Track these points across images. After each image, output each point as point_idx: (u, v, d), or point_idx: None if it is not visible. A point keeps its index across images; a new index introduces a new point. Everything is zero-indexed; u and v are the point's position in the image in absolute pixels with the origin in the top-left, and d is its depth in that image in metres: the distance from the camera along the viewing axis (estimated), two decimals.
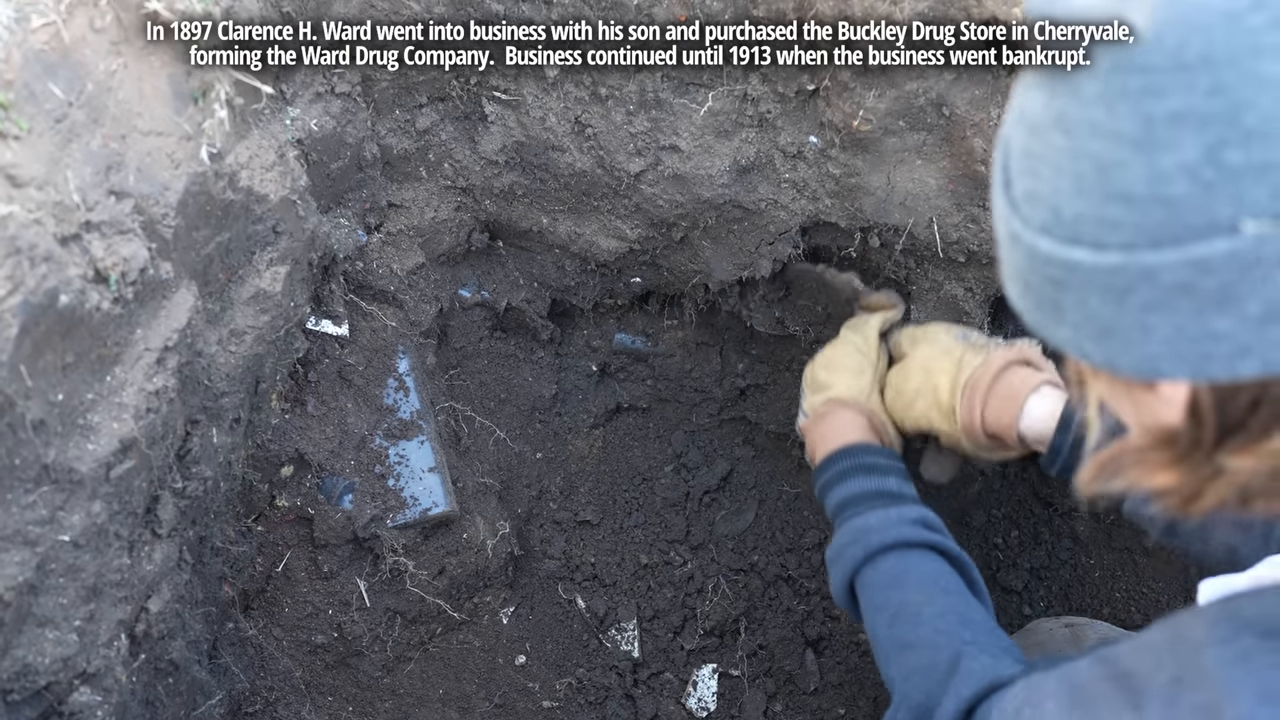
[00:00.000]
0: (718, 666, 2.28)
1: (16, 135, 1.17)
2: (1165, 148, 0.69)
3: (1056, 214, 0.76)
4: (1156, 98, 0.69)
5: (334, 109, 1.71)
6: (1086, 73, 0.73)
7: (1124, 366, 0.78)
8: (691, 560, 2.35)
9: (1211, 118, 0.68)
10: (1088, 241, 0.74)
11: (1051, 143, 0.76)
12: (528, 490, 2.30)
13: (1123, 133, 0.71)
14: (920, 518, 1.52)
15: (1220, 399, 0.77)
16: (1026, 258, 0.80)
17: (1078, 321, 0.78)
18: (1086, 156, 0.73)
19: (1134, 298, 0.74)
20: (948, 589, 1.41)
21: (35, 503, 1.23)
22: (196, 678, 1.64)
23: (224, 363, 1.58)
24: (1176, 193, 0.70)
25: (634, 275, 2.13)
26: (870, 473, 1.63)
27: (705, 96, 1.72)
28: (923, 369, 1.73)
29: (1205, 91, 0.68)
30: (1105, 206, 0.73)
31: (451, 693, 2.07)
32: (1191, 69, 0.68)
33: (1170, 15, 0.69)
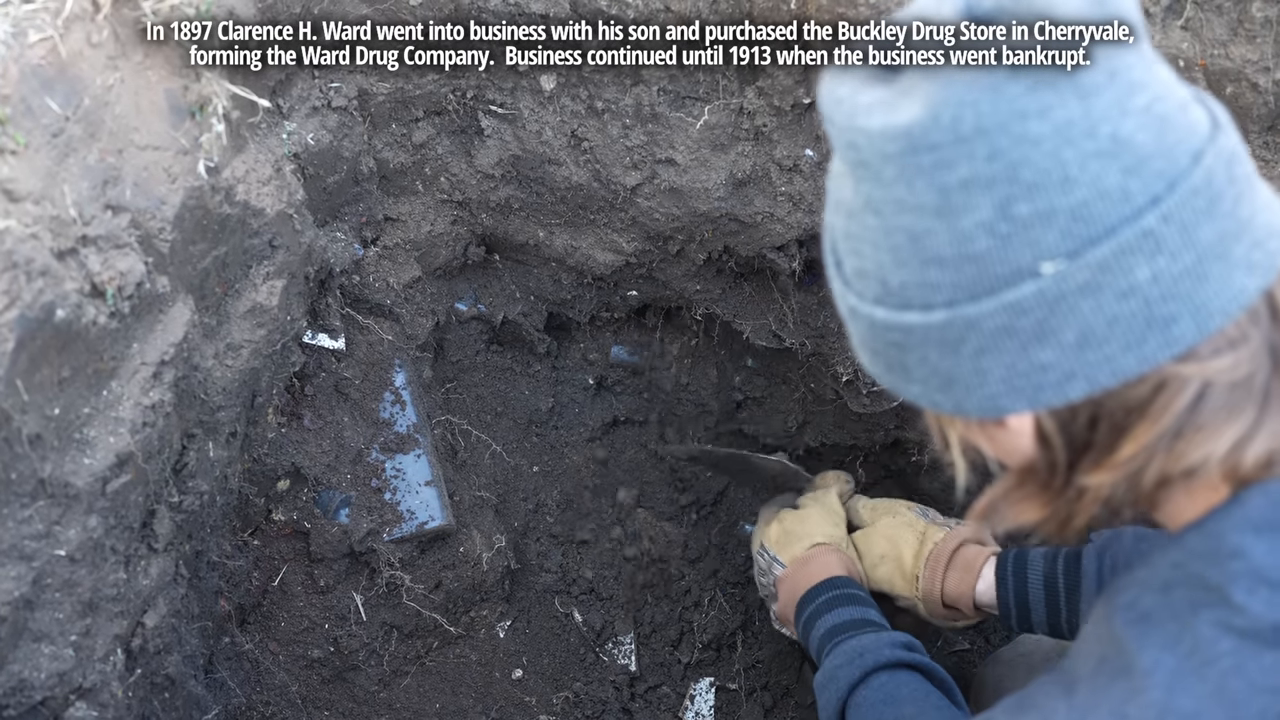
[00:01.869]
0: (715, 680, 2.28)
1: (13, 150, 1.17)
2: (962, 212, 0.79)
3: (884, 285, 0.85)
4: (946, 170, 0.79)
5: (330, 123, 1.71)
6: (884, 159, 0.81)
7: (971, 409, 0.87)
8: (689, 573, 2.35)
9: (995, 179, 0.78)
10: (916, 305, 0.84)
11: (866, 223, 0.85)
12: (524, 504, 2.29)
13: (924, 205, 0.81)
14: (906, 642, 1.59)
15: (1062, 422, 0.87)
16: (867, 327, 0.90)
17: (923, 376, 0.88)
18: (898, 231, 0.83)
19: (965, 347, 0.83)
20: (938, 705, 1.48)
21: (31, 517, 1.23)
22: (193, 692, 1.63)
23: (220, 377, 1.58)
24: (980, 249, 0.80)
25: (630, 289, 2.13)
26: (855, 602, 1.71)
27: (701, 110, 1.72)
28: (887, 538, 1.85)
29: (985, 158, 0.77)
30: (924, 271, 0.82)
31: (448, 707, 2.06)
32: (969, 140, 0.77)
33: (943, 96, 0.78)
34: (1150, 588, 0.91)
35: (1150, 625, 0.88)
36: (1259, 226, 0.82)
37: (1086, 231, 0.78)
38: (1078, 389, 0.82)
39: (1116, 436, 0.86)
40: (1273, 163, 1.51)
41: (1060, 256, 0.78)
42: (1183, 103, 0.82)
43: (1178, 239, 0.79)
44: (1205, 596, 0.86)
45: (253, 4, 1.50)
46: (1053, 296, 0.79)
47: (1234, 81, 1.45)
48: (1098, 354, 0.81)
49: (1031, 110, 0.77)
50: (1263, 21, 1.40)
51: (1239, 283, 0.80)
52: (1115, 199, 0.78)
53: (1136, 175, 0.78)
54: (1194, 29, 1.43)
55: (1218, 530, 0.87)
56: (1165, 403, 0.83)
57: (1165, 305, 0.79)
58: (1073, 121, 0.77)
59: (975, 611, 1.75)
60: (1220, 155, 0.81)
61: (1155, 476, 0.87)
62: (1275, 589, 0.83)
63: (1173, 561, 0.90)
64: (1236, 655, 0.83)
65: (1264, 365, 0.84)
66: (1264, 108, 1.46)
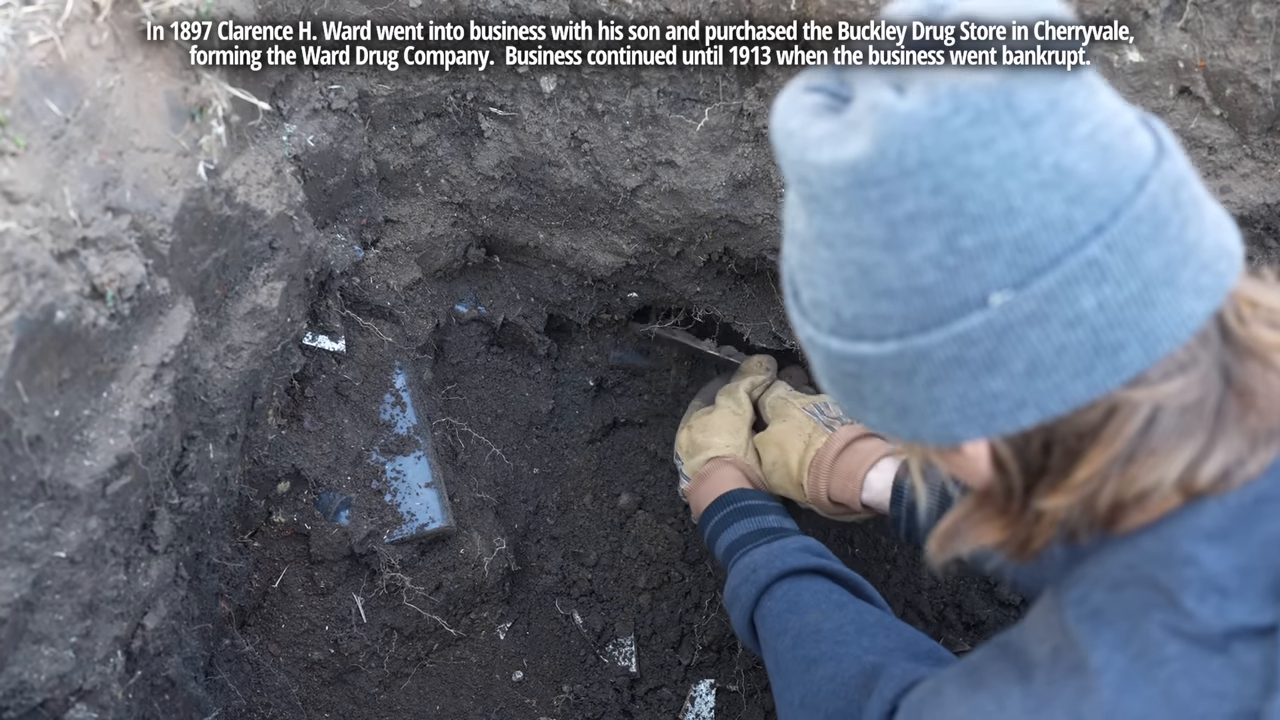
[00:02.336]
0: (715, 682, 2.27)
1: (14, 152, 1.17)
2: (910, 245, 0.80)
3: (838, 316, 0.87)
4: (893, 203, 0.79)
5: (330, 125, 1.71)
6: (833, 192, 0.82)
7: (926, 437, 0.89)
8: (689, 575, 2.34)
9: (941, 212, 0.78)
10: (869, 336, 0.85)
11: (819, 256, 0.86)
12: (524, 505, 2.29)
13: (873, 238, 0.81)
14: (803, 546, 1.61)
15: (1016, 448, 0.89)
16: (824, 357, 0.91)
17: (879, 405, 0.89)
18: (849, 264, 0.84)
19: (918, 377, 0.84)
20: (841, 603, 1.49)
21: (31, 519, 1.23)
22: (193, 694, 1.63)
23: (221, 379, 1.58)
24: (928, 281, 0.80)
25: (630, 290, 2.13)
26: (749, 513, 1.74)
27: (701, 111, 1.72)
28: (777, 444, 1.87)
29: (930, 191, 0.78)
30: (875, 304, 0.83)
31: (448, 709, 2.06)
32: (914, 174, 0.78)
33: (888, 130, 0.78)
34: (1101, 585, 0.92)
35: (1102, 623, 0.90)
36: (1207, 249, 0.82)
37: (1031, 262, 0.79)
38: (1029, 416, 0.83)
39: (1071, 461, 0.87)
40: (1272, 164, 1.51)
41: (1007, 287, 0.79)
42: (1127, 128, 0.82)
43: (1123, 267, 0.79)
44: (1156, 598, 0.87)
45: (253, 4, 1.50)
46: (1000, 327, 0.80)
47: (1234, 83, 1.45)
48: (1047, 382, 0.82)
49: (974, 143, 0.77)
50: (1262, 23, 1.40)
51: (1187, 307, 0.81)
52: (1059, 229, 0.78)
53: (1080, 204, 0.78)
54: (1193, 30, 1.43)
55: (1171, 535, 0.88)
56: (1117, 428, 0.84)
57: (1112, 333, 0.80)
58: (1016, 153, 0.77)
59: (865, 509, 1.75)
60: (1165, 180, 0.82)
61: (1110, 499, 0.88)
62: (1225, 596, 0.84)
63: (1125, 561, 0.91)
64: (1184, 659, 0.85)
65: (1215, 387, 0.85)
66: (1263, 109, 1.46)
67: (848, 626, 1.45)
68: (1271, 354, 0.86)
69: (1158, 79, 1.48)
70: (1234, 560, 0.85)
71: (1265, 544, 0.85)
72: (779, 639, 1.51)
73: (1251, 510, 0.85)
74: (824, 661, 1.41)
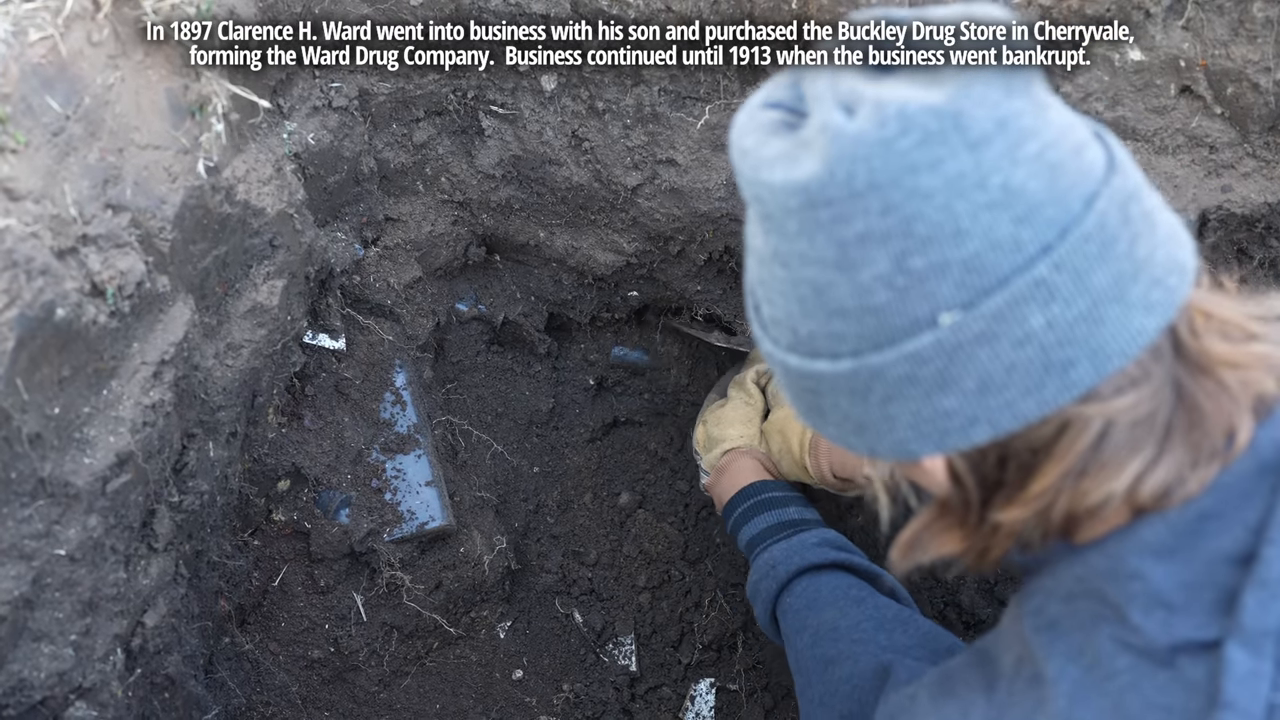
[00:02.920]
0: (715, 681, 2.27)
1: (14, 149, 1.17)
2: (861, 265, 0.80)
3: (795, 333, 0.87)
4: (843, 224, 0.80)
5: (331, 123, 1.71)
6: (786, 212, 0.82)
7: (883, 452, 0.89)
8: (689, 574, 2.34)
9: (890, 233, 0.79)
10: (824, 354, 0.86)
11: (775, 274, 0.86)
12: (525, 504, 2.29)
13: (825, 258, 0.82)
14: (823, 540, 1.60)
15: (972, 463, 0.90)
16: (783, 373, 0.92)
17: (838, 420, 0.90)
18: (803, 283, 0.84)
19: (873, 394, 0.85)
20: (859, 599, 1.49)
21: (31, 517, 1.23)
22: (193, 693, 1.63)
23: (221, 376, 1.58)
24: (879, 301, 0.81)
25: (631, 289, 2.13)
26: (770, 507, 1.73)
27: (702, 110, 1.72)
28: (779, 432, 1.87)
29: (879, 212, 0.78)
30: (829, 322, 0.84)
31: (448, 707, 2.06)
32: (864, 195, 0.78)
33: (837, 152, 0.78)
34: (1055, 596, 0.94)
35: (1056, 634, 0.92)
36: (1158, 263, 0.82)
37: (980, 282, 0.79)
38: (981, 433, 0.84)
39: (1025, 475, 0.88)
40: (1273, 163, 1.51)
41: (956, 307, 0.79)
42: (1078, 145, 0.82)
43: (1071, 285, 0.79)
44: (1105, 611, 0.89)
45: (253, 4, 1.50)
46: (951, 346, 0.81)
47: (1235, 82, 1.45)
48: (998, 399, 0.82)
49: (922, 164, 0.77)
50: (1264, 21, 1.39)
51: (1137, 323, 0.81)
52: (1007, 249, 0.78)
53: (1028, 224, 0.78)
54: (1195, 29, 1.43)
55: (1118, 552, 0.89)
56: (1069, 442, 0.85)
57: (1062, 350, 0.80)
58: (964, 174, 0.77)
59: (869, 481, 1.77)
60: (1115, 197, 0.81)
61: (1063, 511, 0.89)
62: (1171, 611, 0.85)
63: (1076, 575, 0.92)
64: (1133, 672, 0.86)
65: (1166, 400, 0.85)
66: (1264, 108, 1.46)
67: (865, 623, 1.44)
68: (1221, 369, 0.87)
69: (1159, 78, 1.48)
70: (1179, 576, 0.86)
71: (1210, 560, 0.86)
72: (799, 636, 1.51)
73: (1195, 527, 0.86)
74: (841, 661, 1.41)
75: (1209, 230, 1.58)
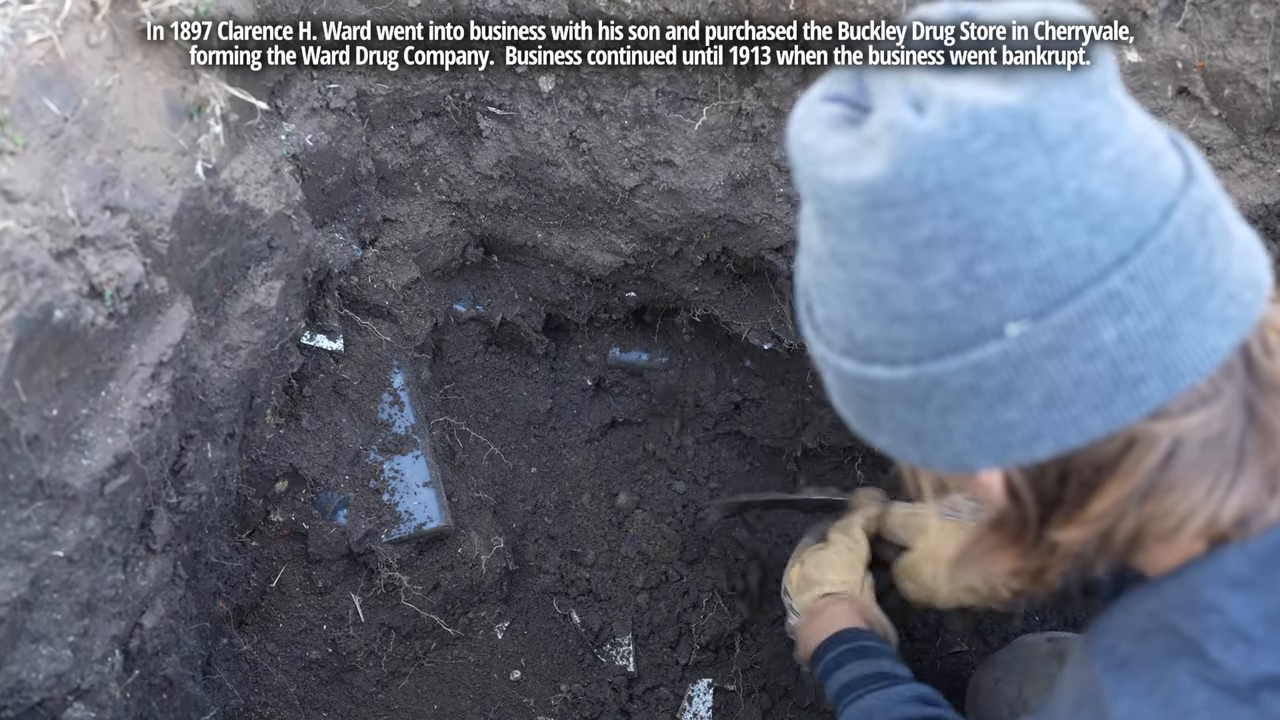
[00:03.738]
0: (713, 681, 2.27)
1: (12, 151, 1.17)
2: (926, 270, 0.77)
3: (851, 337, 0.84)
4: (909, 227, 0.77)
5: (329, 124, 1.71)
6: (847, 212, 0.79)
7: (938, 464, 0.86)
8: (687, 575, 2.34)
9: (958, 238, 0.76)
10: (882, 359, 0.82)
11: (833, 275, 0.83)
12: (522, 505, 2.29)
13: (888, 261, 0.79)
14: (919, 695, 1.57)
15: (1031, 479, 0.86)
16: (836, 377, 0.89)
17: (892, 429, 0.87)
18: (863, 285, 0.81)
19: (931, 404, 0.82)
20: None
21: (29, 518, 1.23)
22: (191, 693, 1.63)
23: (219, 378, 1.58)
24: (944, 308, 0.78)
25: (629, 290, 2.13)
26: (864, 655, 1.68)
27: (700, 111, 1.72)
28: (932, 559, 1.80)
29: (947, 215, 0.75)
30: (889, 328, 0.81)
31: (446, 708, 2.06)
32: (932, 197, 0.75)
33: (905, 152, 0.75)
34: (1128, 634, 0.90)
35: (1126, 672, 0.88)
36: (1233, 278, 0.80)
37: (1051, 292, 0.76)
38: (1045, 448, 0.81)
39: (1087, 493, 0.85)
40: (1271, 164, 1.52)
41: (1025, 318, 0.77)
42: (1155, 153, 0.79)
43: (1145, 299, 0.76)
44: (1182, 646, 0.85)
45: (252, 4, 1.50)
46: (1017, 357, 0.78)
47: (1232, 83, 1.45)
48: (1064, 414, 0.79)
49: (995, 166, 0.74)
50: (1260, 23, 1.40)
51: (1211, 340, 0.78)
52: (1080, 259, 0.76)
53: (1103, 233, 0.76)
54: (1192, 30, 1.43)
55: (1193, 584, 0.86)
56: (1135, 461, 0.82)
57: (1133, 365, 0.77)
58: (1038, 178, 0.75)
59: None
60: (1192, 208, 0.79)
61: (1127, 534, 0.86)
62: (1251, 645, 0.82)
63: (1150, 610, 0.89)
64: (1213, 709, 0.83)
65: (1238, 421, 0.82)
66: (1262, 109, 1.46)
67: None
68: None
69: (1156, 79, 1.48)
70: (1260, 608, 0.83)
71: None
72: None
73: (1275, 557, 0.83)
74: None
75: None
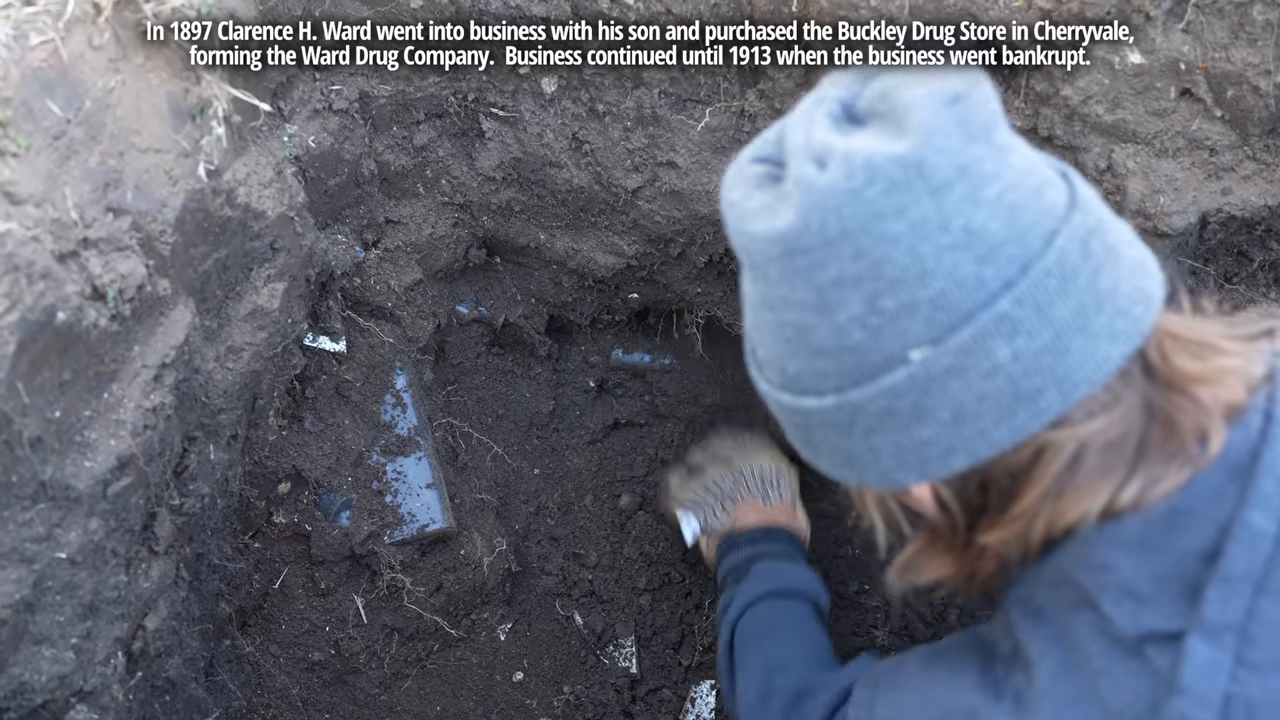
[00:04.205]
0: (716, 683, 2.27)
1: (14, 153, 1.17)
2: (837, 308, 0.85)
3: (784, 373, 0.92)
4: (818, 270, 0.85)
5: (331, 125, 1.71)
6: (768, 260, 0.88)
7: (871, 481, 0.95)
8: (689, 576, 2.34)
9: (861, 276, 0.84)
10: (811, 391, 0.91)
11: (764, 318, 0.92)
12: (525, 506, 2.29)
13: (805, 302, 0.87)
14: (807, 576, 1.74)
15: (955, 489, 0.95)
16: (778, 410, 0.97)
17: (829, 453, 0.95)
18: (788, 325, 0.89)
19: (856, 428, 0.90)
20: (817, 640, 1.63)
21: (32, 520, 1.23)
22: (193, 695, 1.63)
23: (221, 379, 1.58)
24: (855, 340, 0.86)
25: (631, 291, 2.13)
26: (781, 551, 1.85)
27: (702, 112, 1.72)
28: None
29: (851, 257, 0.83)
30: (813, 361, 0.89)
31: (449, 709, 2.06)
32: (836, 242, 0.83)
33: (810, 204, 0.84)
34: (1041, 584, 0.98)
35: (1040, 619, 0.97)
36: (1123, 295, 0.86)
37: (947, 319, 0.83)
38: (959, 461, 0.88)
39: (1006, 499, 0.93)
40: (1273, 165, 1.51)
41: (925, 344, 0.84)
42: (1039, 186, 0.86)
43: (1033, 319, 0.83)
44: (1082, 599, 0.93)
45: (253, 5, 1.50)
46: (923, 380, 0.85)
47: (1235, 85, 1.45)
48: (972, 428, 0.87)
49: (889, 211, 0.81)
50: (1264, 25, 1.39)
51: (1102, 352, 0.85)
52: (970, 287, 0.83)
53: (990, 263, 0.82)
54: (1195, 32, 1.43)
55: (1093, 543, 0.92)
56: (1045, 466, 0.89)
57: (1029, 380, 0.84)
58: (927, 219, 0.82)
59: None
60: (1075, 233, 0.85)
61: (1041, 531, 0.94)
62: (1139, 602, 0.90)
63: (1059, 565, 0.96)
64: (1105, 657, 0.91)
65: (1138, 422, 0.90)
66: (1264, 111, 1.46)
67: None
68: (1192, 385, 0.91)
69: (1159, 80, 1.48)
70: (1149, 569, 0.90)
71: (1180, 555, 0.89)
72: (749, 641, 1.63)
73: (1167, 523, 0.90)
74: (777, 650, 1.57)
75: (1209, 233, 1.58)
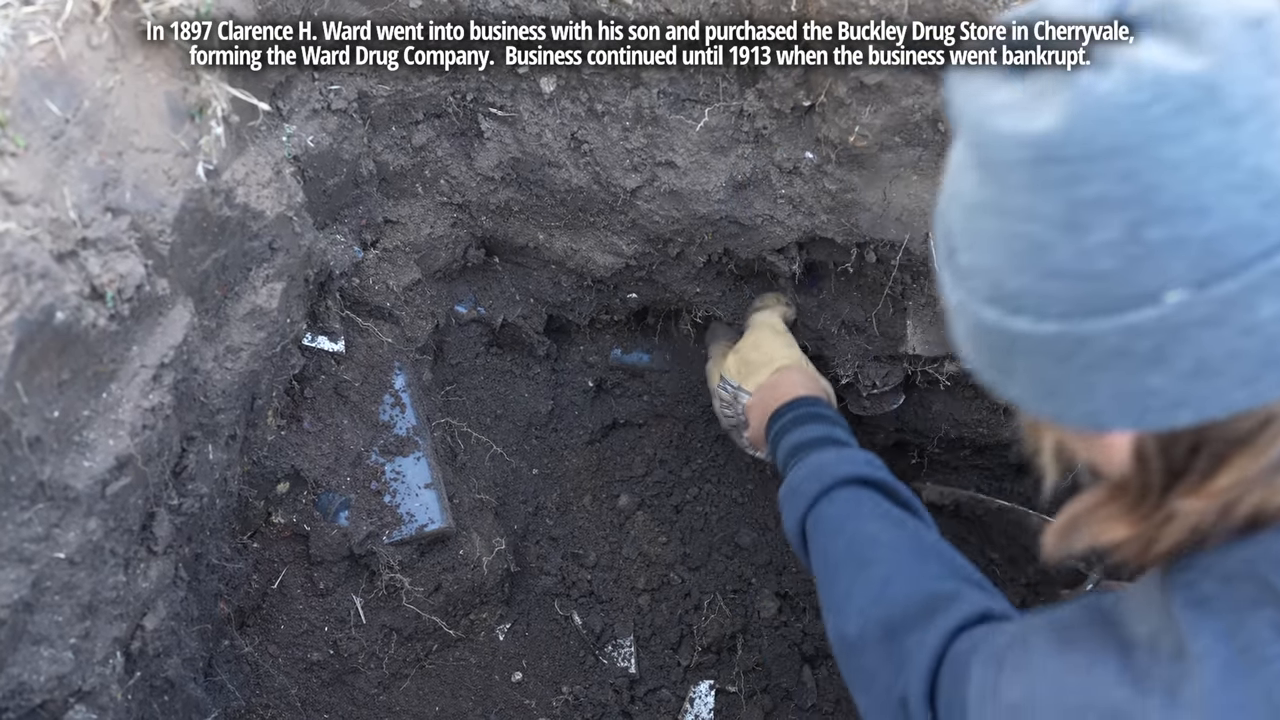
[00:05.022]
0: (715, 683, 2.27)
1: (13, 152, 1.16)
2: (1090, 229, 0.77)
3: (998, 287, 0.84)
4: (1077, 185, 0.77)
5: (330, 125, 1.71)
6: (1012, 164, 0.80)
7: (1071, 420, 0.86)
8: (688, 577, 2.34)
9: (1129, 200, 0.76)
10: (1029, 311, 0.83)
11: (986, 224, 0.84)
12: (524, 506, 2.29)
13: (1050, 216, 0.79)
14: (869, 459, 1.59)
15: (1163, 445, 0.86)
16: (974, 324, 0.89)
17: (1026, 381, 0.87)
18: (1019, 237, 0.81)
19: (1075, 361, 0.82)
20: (900, 520, 1.47)
21: (31, 520, 1.23)
22: (192, 695, 1.63)
23: (220, 379, 1.58)
24: (1103, 268, 0.78)
25: (630, 291, 2.13)
26: (822, 420, 1.72)
27: (701, 112, 1.72)
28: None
29: (1119, 177, 0.76)
30: (1041, 282, 0.81)
31: (448, 710, 2.06)
32: (1104, 158, 0.76)
33: (1081, 110, 0.76)
34: (1212, 575, 0.90)
35: (1206, 612, 0.88)
36: None
37: (1216, 265, 0.76)
38: (1185, 417, 0.81)
39: (1216, 465, 0.85)
40: None
41: (1187, 286, 0.76)
42: None
43: None
44: (1268, 598, 0.85)
45: (252, 5, 1.50)
46: (1173, 325, 0.78)
47: None
48: (1210, 386, 0.79)
49: (1174, 134, 0.75)
50: None
51: None
52: (1249, 234, 0.75)
53: (1274, 211, 0.75)
54: None
55: None
56: (1270, 438, 0.82)
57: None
58: (1215, 150, 0.75)
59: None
60: None
61: (1250, 509, 0.86)
62: None
63: (1244, 557, 0.88)
64: None
65: None
66: None
67: (904, 545, 1.42)
68: None
69: None
70: None
71: None
72: (833, 539, 1.49)
73: None
74: (878, 564, 1.39)
75: None
